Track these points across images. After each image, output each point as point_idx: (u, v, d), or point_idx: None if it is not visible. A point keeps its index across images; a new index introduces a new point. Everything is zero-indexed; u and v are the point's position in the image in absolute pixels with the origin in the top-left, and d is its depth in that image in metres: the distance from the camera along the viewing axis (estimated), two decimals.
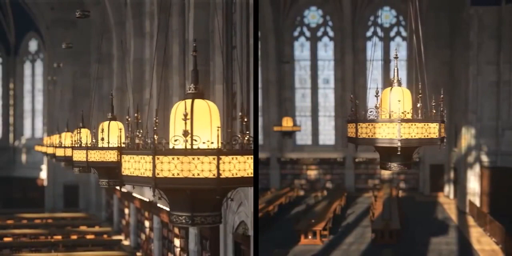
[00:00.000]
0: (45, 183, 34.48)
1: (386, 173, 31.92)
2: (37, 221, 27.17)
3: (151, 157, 4.58)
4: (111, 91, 11.91)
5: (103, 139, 9.21)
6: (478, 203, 23.96)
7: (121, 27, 25.46)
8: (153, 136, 4.72)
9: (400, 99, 6.47)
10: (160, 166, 4.56)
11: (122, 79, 25.55)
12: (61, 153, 15.85)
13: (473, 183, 24.47)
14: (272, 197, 26.63)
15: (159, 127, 4.90)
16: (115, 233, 26.76)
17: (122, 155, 4.92)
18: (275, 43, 33.06)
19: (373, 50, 26.81)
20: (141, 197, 21.55)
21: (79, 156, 9.64)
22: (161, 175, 4.56)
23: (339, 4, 32.83)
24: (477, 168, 24.45)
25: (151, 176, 4.59)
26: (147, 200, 20.63)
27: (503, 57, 24.04)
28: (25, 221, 27.05)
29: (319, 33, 34.50)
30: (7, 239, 22.23)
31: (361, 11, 33.03)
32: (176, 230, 18.24)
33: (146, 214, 22.50)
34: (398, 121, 6.29)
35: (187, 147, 4.66)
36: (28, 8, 34.26)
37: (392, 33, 33.64)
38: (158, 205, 18.88)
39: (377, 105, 6.50)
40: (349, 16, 32.68)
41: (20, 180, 36.26)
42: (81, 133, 10.65)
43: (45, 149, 24.51)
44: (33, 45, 38.06)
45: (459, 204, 26.05)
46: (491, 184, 24.17)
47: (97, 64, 21.06)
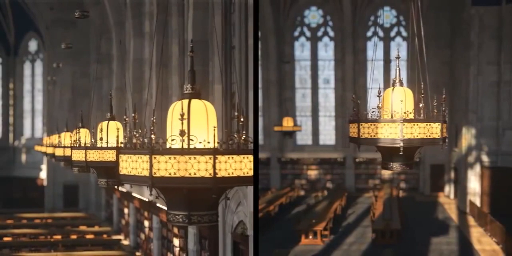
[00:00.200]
0: (45, 183, 34.49)
1: (386, 173, 31.91)
2: (36, 221, 27.20)
3: (148, 156, 4.60)
4: (110, 91, 11.89)
5: (101, 139, 9.19)
6: (478, 203, 23.94)
7: (120, 27, 25.43)
8: (151, 136, 4.74)
9: (402, 99, 6.45)
10: (157, 165, 4.58)
11: (121, 79, 25.52)
12: (60, 153, 15.79)
13: (474, 183, 24.46)
14: (272, 197, 26.61)
15: (157, 127, 4.92)
16: (114, 232, 26.75)
17: (119, 155, 4.94)
18: (276, 43, 33.05)
19: (374, 50, 26.76)
20: (141, 197, 21.53)
21: (78, 156, 9.63)
22: (158, 174, 4.58)
23: (340, 4, 32.81)
24: (477, 168, 24.44)
25: (148, 175, 4.60)
26: (147, 200, 20.60)
27: (503, 57, 24.02)
28: (24, 221, 27.06)
29: (320, 33, 34.49)
30: (7, 239, 22.24)
31: (361, 11, 33.01)
32: (175, 229, 18.23)
33: (145, 214, 22.50)
34: (400, 121, 6.27)
35: (184, 147, 4.69)
36: (27, 8, 34.26)
37: (392, 33, 33.61)
38: (157, 205, 18.85)
39: (379, 105, 6.48)
40: (349, 16, 32.66)
41: (20, 180, 36.28)
42: (80, 133, 10.65)
43: (44, 149, 24.49)
44: (33, 45, 38.07)
45: (459, 204, 26.03)
46: (491, 184, 24.15)
47: (97, 64, 21.10)
